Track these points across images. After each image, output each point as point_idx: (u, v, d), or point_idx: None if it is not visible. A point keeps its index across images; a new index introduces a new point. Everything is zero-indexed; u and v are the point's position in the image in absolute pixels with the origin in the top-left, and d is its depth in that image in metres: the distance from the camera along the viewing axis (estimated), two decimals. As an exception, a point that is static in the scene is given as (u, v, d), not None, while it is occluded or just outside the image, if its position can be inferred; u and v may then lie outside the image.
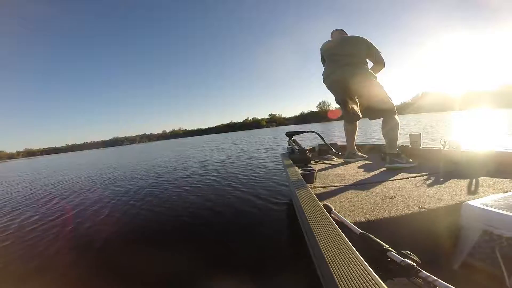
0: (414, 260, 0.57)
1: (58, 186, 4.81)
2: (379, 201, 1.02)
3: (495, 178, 1.17)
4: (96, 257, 1.60)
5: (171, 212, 2.28)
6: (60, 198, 3.56)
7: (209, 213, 2.12)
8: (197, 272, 1.30)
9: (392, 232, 0.85)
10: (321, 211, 0.77)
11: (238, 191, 2.68)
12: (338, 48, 1.97)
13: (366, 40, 1.93)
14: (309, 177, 1.37)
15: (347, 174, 1.57)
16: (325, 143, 2.43)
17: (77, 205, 2.99)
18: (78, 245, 1.81)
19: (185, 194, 2.88)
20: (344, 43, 1.96)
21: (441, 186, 1.13)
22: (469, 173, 1.29)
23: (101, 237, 1.90)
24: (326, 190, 1.25)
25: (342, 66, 1.91)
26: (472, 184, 1.12)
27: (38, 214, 2.75)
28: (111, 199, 3.07)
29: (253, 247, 1.49)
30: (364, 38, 1.93)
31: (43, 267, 1.52)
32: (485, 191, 1.03)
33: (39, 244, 1.88)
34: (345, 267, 0.48)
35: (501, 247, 0.67)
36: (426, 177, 1.31)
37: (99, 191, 3.72)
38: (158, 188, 3.37)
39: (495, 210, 0.72)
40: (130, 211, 2.46)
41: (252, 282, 1.16)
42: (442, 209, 0.89)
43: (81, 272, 1.44)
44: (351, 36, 2.01)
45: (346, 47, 1.93)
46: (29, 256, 1.69)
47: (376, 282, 0.43)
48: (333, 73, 1.99)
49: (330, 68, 2.02)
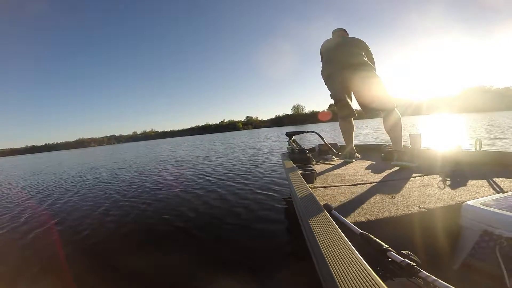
0: (414, 260, 0.57)
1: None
2: (379, 201, 1.02)
3: (495, 178, 1.17)
4: (95, 258, 1.60)
5: (170, 213, 2.27)
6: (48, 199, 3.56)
7: (208, 213, 2.12)
8: (197, 272, 1.29)
9: (392, 232, 0.85)
10: (321, 211, 0.77)
11: (237, 191, 2.68)
12: (338, 47, 1.99)
13: (365, 43, 1.97)
14: (309, 177, 1.37)
15: (347, 174, 1.57)
16: (325, 143, 2.44)
17: (74, 206, 2.99)
18: (76, 246, 1.81)
19: (185, 194, 2.88)
20: (344, 43, 1.97)
21: (441, 186, 1.13)
22: (469, 173, 1.29)
23: (100, 238, 1.90)
24: (326, 190, 1.25)
25: (340, 65, 1.92)
26: (472, 184, 1.12)
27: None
28: (108, 200, 3.07)
29: (253, 247, 1.49)
30: (363, 41, 1.97)
31: (38, 270, 1.52)
32: (485, 191, 1.03)
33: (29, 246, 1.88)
34: (345, 267, 0.48)
35: (501, 247, 0.67)
36: (426, 177, 1.31)
37: (94, 192, 3.72)
38: (157, 189, 3.37)
39: (495, 210, 0.72)
40: (128, 212, 2.46)
41: (252, 282, 1.16)
42: (442, 209, 0.89)
43: (79, 273, 1.44)
44: (351, 38, 2.04)
45: (346, 47, 1.94)
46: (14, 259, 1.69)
47: (376, 282, 0.43)
48: (332, 72, 1.99)
49: (329, 67, 2.03)
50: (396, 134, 1.74)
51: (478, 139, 1.54)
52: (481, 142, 1.53)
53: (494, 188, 1.05)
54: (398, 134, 1.74)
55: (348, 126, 2.17)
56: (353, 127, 2.18)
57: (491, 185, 1.09)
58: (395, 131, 1.75)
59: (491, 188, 1.06)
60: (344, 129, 2.18)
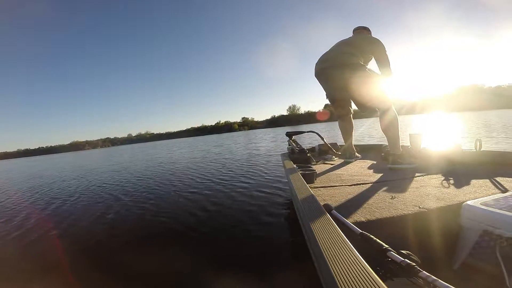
0: (414, 260, 0.57)
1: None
2: (379, 201, 1.02)
3: (495, 178, 1.17)
4: (94, 258, 1.60)
5: (170, 213, 2.28)
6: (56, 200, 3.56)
7: (208, 214, 2.12)
8: (197, 272, 1.29)
9: (392, 232, 0.85)
10: (321, 211, 0.77)
11: (237, 192, 2.68)
12: (337, 45, 1.94)
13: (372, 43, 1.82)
14: (309, 177, 1.37)
15: (347, 174, 1.57)
16: (325, 143, 2.43)
17: (74, 205, 2.99)
18: (76, 247, 1.81)
19: (185, 195, 2.88)
20: (344, 42, 1.92)
21: (441, 186, 1.13)
22: (469, 173, 1.29)
23: (99, 238, 1.90)
24: (326, 190, 1.25)
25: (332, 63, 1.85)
26: (472, 184, 1.12)
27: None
28: (108, 200, 3.07)
29: (253, 247, 1.49)
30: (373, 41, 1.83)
31: (37, 270, 1.52)
32: (485, 191, 1.03)
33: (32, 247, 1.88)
34: (345, 267, 0.48)
35: (501, 247, 0.67)
36: (426, 177, 1.31)
37: (94, 193, 3.72)
38: (157, 189, 3.37)
39: (495, 210, 0.72)
40: (128, 213, 2.46)
41: (252, 282, 1.16)
42: (442, 209, 0.89)
43: (79, 273, 1.44)
44: (360, 36, 1.93)
45: (344, 46, 1.88)
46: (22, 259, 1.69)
47: (376, 282, 0.43)
48: (323, 68, 1.90)
49: (321, 63, 1.94)
50: (392, 133, 1.69)
51: (478, 139, 1.54)
52: (481, 142, 1.53)
53: (494, 188, 1.05)
54: (394, 134, 1.68)
55: (347, 126, 2.13)
56: (352, 127, 2.14)
57: (491, 185, 1.09)
58: (390, 130, 1.69)
59: (491, 188, 1.06)
60: (343, 128, 2.14)
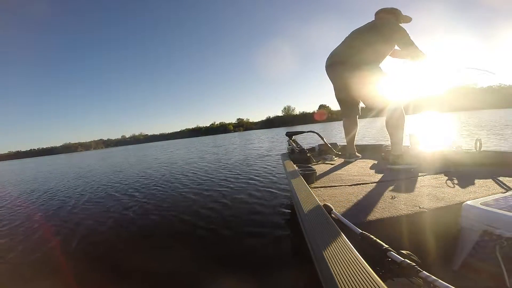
0: (414, 260, 0.57)
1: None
2: (379, 201, 1.01)
3: (495, 178, 1.17)
4: (94, 258, 1.60)
5: (170, 213, 2.28)
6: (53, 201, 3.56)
7: (208, 214, 2.12)
8: (197, 272, 1.30)
9: (392, 232, 0.85)
10: (321, 211, 0.77)
11: (236, 192, 2.69)
12: (350, 38, 1.82)
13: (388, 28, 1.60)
14: (309, 177, 1.37)
15: (348, 174, 1.57)
16: (325, 143, 2.43)
17: (75, 207, 2.99)
18: (77, 247, 1.81)
19: (185, 195, 2.88)
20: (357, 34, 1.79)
21: (441, 186, 1.13)
22: (469, 173, 1.29)
23: (100, 238, 1.90)
24: (326, 190, 1.24)
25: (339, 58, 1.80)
26: (472, 184, 1.12)
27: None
28: (109, 201, 3.07)
29: (253, 247, 1.49)
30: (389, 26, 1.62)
31: (39, 269, 1.52)
32: (485, 191, 1.03)
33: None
34: (345, 267, 0.48)
35: (501, 247, 0.67)
36: (426, 177, 1.31)
37: (95, 193, 3.72)
38: (157, 190, 3.37)
39: (495, 210, 0.72)
40: (127, 213, 2.46)
41: (252, 282, 1.16)
42: (442, 209, 0.89)
43: (79, 273, 1.44)
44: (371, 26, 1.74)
45: (355, 41, 1.77)
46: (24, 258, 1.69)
47: (376, 282, 0.43)
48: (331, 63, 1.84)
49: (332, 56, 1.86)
50: (394, 133, 1.67)
51: (478, 139, 1.54)
52: (481, 142, 1.53)
53: (494, 188, 1.05)
54: (399, 135, 1.67)
55: (350, 125, 2.09)
56: (356, 127, 2.09)
57: (491, 185, 1.09)
58: (395, 130, 1.67)
59: (491, 188, 1.06)
60: (347, 128, 2.10)
